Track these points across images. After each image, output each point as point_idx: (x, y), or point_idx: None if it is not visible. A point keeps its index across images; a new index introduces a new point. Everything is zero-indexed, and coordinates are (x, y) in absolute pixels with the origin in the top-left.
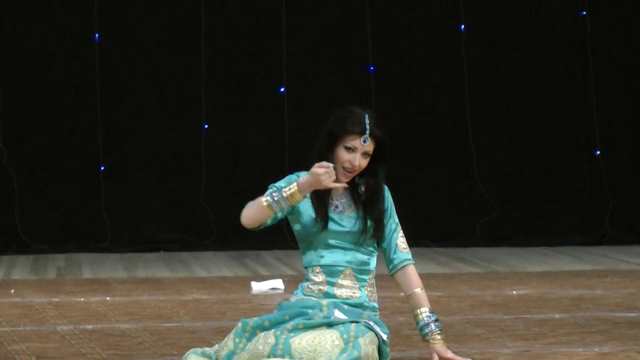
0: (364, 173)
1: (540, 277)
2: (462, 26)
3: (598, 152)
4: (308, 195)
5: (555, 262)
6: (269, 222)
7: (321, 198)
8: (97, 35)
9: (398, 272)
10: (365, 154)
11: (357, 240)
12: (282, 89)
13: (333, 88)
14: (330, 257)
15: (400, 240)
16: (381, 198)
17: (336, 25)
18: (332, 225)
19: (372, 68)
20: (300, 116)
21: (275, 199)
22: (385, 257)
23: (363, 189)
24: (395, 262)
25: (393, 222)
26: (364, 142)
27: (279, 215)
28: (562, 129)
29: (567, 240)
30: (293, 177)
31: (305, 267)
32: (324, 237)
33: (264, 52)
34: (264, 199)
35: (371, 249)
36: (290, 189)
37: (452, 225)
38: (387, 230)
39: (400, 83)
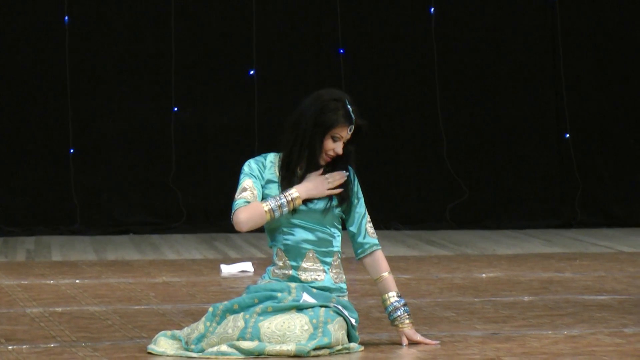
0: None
1: (510, 260)
2: (432, 9)
3: (568, 136)
4: (275, 176)
5: (525, 245)
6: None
7: (289, 180)
8: (66, 17)
9: (366, 257)
10: (344, 140)
11: (321, 219)
12: (252, 72)
13: (303, 71)
14: (292, 237)
15: (368, 225)
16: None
17: (306, 7)
18: None
19: (342, 51)
20: (270, 99)
21: (278, 204)
22: (354, 241)
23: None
24: (366, 246)
25: (361, 206)
26: (350, 130)
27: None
28: (532, 113)
29: (537, 223)
30: (260, 159)
31: (270, 247)
32: (287, 216)
33: (234, 34)
34: (264, 205)
35: (334, 230)
36: (291, 194)
37: (421, 208)
38: (356, 215)
39: (370, 66)
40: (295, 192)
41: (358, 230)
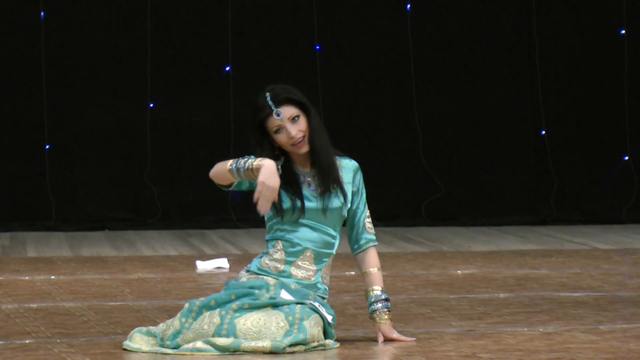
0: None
1: (485, 256)
2: (408, 6)
3: (543, 132)
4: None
5: (500, 242)
6: (236, 187)
7: (291, 177)
8: (42, 12)
9: (361, 252)
10: (293, 119)
11: (325, 219)
12: (228, 68)
13: (279, 67)
14: (297, 233)
15: (367, 221)
16: (325, 148)
17: (282, 3)
18: (309, 204)
19: (318, 47)
20: (245, 95)
21: (238, 167)
22: (352, 236)
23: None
24: (362, 242)
25: (362, 202)
26: (277, 115)
27: (239, 183)
28: (508, 109)
29: (512, 219)
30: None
31: (267, 241)
32: (295, 217)
33: (210, 30)
34: (229, 163)
35: (336, 232)
36: (252, 164)
37: (397, 205)
38: (357, 210)
39: (346, 62)
40: (259, 163)
41: (357, 225)
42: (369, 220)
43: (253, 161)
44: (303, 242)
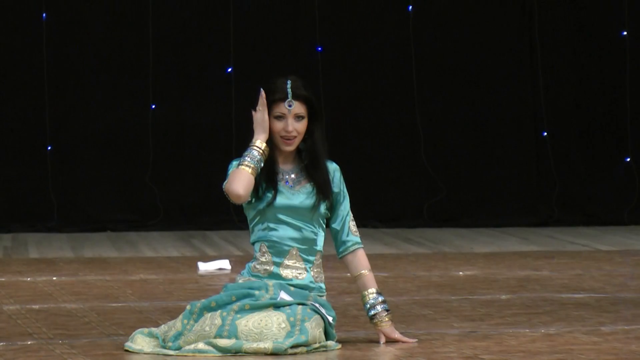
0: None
1: (487, 258)
2: (410, 7)
3: (545, 133)
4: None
5: (502, 243)
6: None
7: (271, 172)
8: (44, 14)
9: (348, 255)
10: (298, 117)
11: (309, 216)
12: (230, 70)
13: (280, 68)
14: (277, 233)
15: (352, 223)
16: (322, 160)
17: (284, 5)
18: (281, 199)
19: (320, 48)
20: (247, 97)
21: (256, 159)
22: (337, 238)
23: (304, 155)
24: (348, 244)
25: (346, 204)
26: (289, 105)
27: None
28: (510, 110)
29: (514, 221)
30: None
31: (253, 244)
32: (273, 212)
33: (212, 32)
34: (247, 169)
35: (319, 229)
36: (257, 146)
37: (399, 206)
38: (340, 213)
39: (348, 64)
40: (258, 141)
41: (341, 228)
42: (354, 223)
43: (255, 148)
44: (285, 241)
